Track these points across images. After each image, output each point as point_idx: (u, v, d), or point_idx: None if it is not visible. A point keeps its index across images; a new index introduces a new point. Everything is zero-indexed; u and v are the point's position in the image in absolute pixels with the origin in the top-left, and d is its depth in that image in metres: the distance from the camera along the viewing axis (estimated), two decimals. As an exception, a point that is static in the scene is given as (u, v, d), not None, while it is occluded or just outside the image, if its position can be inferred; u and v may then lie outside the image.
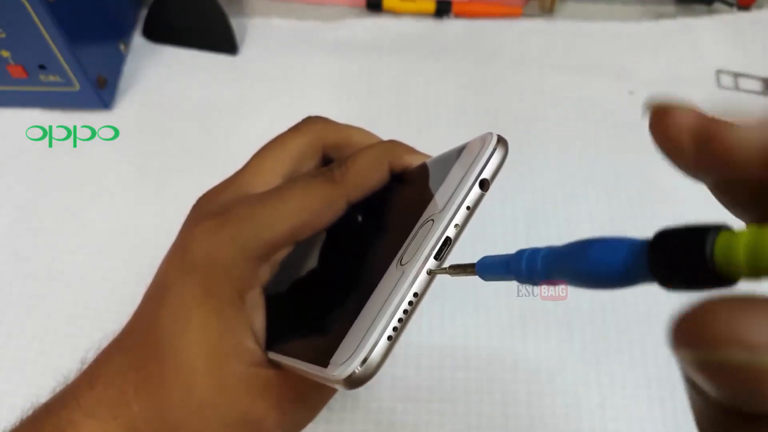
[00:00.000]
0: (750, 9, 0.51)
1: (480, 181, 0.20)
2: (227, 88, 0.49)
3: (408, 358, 0.38)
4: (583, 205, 0.42)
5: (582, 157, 0.44)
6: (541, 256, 0.16)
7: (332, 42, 0.50)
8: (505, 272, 0.17)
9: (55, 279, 0.41)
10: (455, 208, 0.19)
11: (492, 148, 0.20)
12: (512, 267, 0.16)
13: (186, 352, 0.24)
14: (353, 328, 0.19)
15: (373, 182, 0.26)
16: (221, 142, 0.46)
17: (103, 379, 0.25)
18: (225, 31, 0.49)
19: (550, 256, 0.15)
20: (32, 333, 0.39)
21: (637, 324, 0.38)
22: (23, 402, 0.26)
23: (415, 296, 0.19)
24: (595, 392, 0.37)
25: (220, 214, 0.25)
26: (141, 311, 0.27)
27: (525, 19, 0.51)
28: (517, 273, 0.16)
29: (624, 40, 0.50)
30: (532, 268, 0.16)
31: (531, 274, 0.16)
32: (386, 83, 0.48)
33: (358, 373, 0.18)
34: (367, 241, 0.25)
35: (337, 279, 0.26)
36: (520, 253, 0.16)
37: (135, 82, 0.49)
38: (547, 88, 0.48)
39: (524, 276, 0.16)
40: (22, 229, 0.43)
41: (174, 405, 0.24)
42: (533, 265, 0.16)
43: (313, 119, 0.30)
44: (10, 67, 0.43)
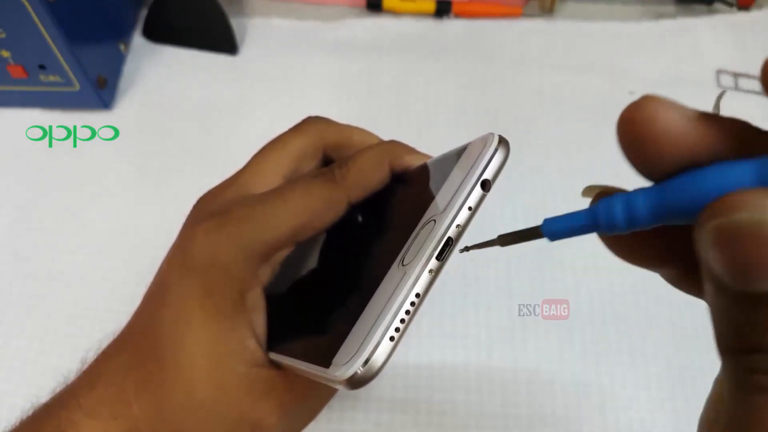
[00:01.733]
0: (750, 9, 0.51)
1: (482, 182, 0.20)
2: (227, 88, 0.49)
3: (408, 358, 0.38)
4: (583, 205, 0.42)
5: (582, 157, 0.44)
6: (645, 200, 0.15)
7: (332, 42, 0.50)
8: (587, 226, 0.16)
9: (55, 279, 0.41)
10: (457, 209, 0.19)
11: (493, 149, 0.20)
12: (602, 218, 0.15)
13: (186, 352, 0.24)
14: (355, 329, 0.19)
15: (373, 183, 0.26)
16: (221, 142, 0.46)
17: (103, 379, 0.25)
18: (225, 31, 0.49)
19: (655, 198, 0.14)
20: (32, 333, 0.39)
21: (637, 324, 0.38)
22: (23, 402, 0.26)
23: (417, 297, 0.19)
24: (595, 392, 0.37)
25: (220, 215, 0.25)
26: (141, 311, 0.27)
27: (525, 19, 0.51)
28: (609, 223, 0.15)
29: (624, 40, 0.50)
30: (632, 214, 0.15)
31: (632, 222, 0.15)
32: (386, 83, 0.48)
33: (361, 374, 0.18)
34: (368, 241, 0.25)
35: (338, 279, 0.26)
36: (608, 203, 0.15)
37: (135, 82, 0.49)
38: (547, 88, 0.48)
39: (619, 225, 0.15)
40: (22, 229, 0.43)
41: (174, 405, 0.24)
42: (633, 211, 0.15)
43: (313, 119, 0.30)
44: (10, 67, 0.43)
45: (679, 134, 0.14)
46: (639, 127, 0.15)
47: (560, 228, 0.17)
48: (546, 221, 0.17)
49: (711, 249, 0.13)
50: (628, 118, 0.15)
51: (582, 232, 0.16)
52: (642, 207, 0.15)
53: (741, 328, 0.13)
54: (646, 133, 0.14)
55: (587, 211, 0.16)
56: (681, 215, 0.14)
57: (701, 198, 0.13)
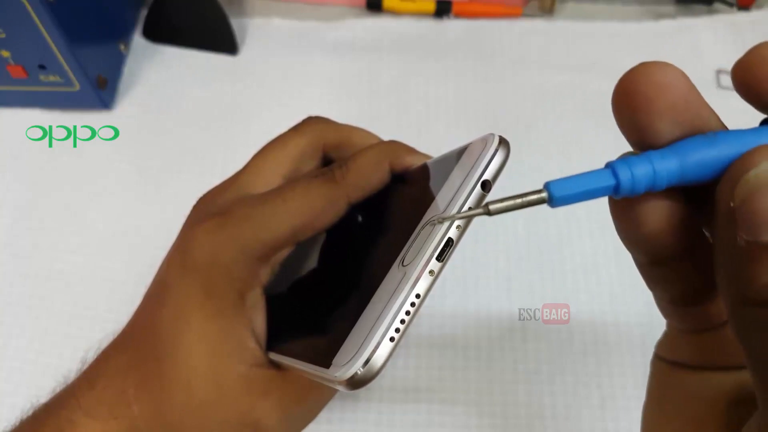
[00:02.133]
0: (750, 9, 0.51)
1: (482, 183, 0.20)
2: (227, 88, 0.49)
3: (408, 358, 0.38)
4: (583, 205, 0.42)
5: (582, 157, 0.44)
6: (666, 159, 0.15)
7: (332, 42, 0.50)
8: (603, 189, 0.15)
9: (55, 279, 0.41)
10: (457, 210, 0.19)
11: (494, 150, 0.20)
12: (622, 177, 0.15)
13: (186, 352, 0.24)
14: (355, 329, 0.19)
15: (373, 183, 0.26)
16: (221, 142, 0.46)
17: (103, 379, 0.25)
18: (225, 31, 0.49)
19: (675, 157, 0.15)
20: (32, 333, 0.39)
21: (637, 324, 0.38)
22: (23, 402, 0.26)
23: (417, 297, 0.19)
24: (595, 392, 0.37)
25: (220, 215, 0.25)
26: (141, 311, 0.27)
27: (525, 19, 0.51)
28: (630, 183, 0.15)
29: (624, 40, 0.50)
30: (654, 173, 0.15)
31: (654, 182, 0.15)
32: (386, 83, 0.48)
33: (361, 374, 0.18)
34: (368, 241, 0.25)
35: (338, 279, 0.26)
36: (627, 162, 0.15)
37: (135, 82, 0.49)
38: (547, 88, 0.48)
39: (639, 185, 0.15)
40: (22, 229, 0.43)
41: (174, 405, 0.24)
42: (655, 170, 0.15)
43: (313, 119, 0.30)
44: (10, 67, 0.43)
45: (684, 97, 0.14)
46: (640, 89, 0.15)
47: (570, 191, 0.15)
48: (552, 183, 0.16)
49: (741, 199, 0.13)
50: (627, 83, 0.15)
51: (595, 195, 0.16)
52: (663, 166, 0.15)
53: None
54: (649, 97, 0.15)
55: (604, 170, 0.15)
56: (701, 173, 0.14)
57: (727, 155, 0.14)
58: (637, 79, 0.15)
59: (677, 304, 0.17)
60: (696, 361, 0.17)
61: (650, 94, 0.15)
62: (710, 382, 0.17)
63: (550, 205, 0.16)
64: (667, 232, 0.16)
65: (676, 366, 0.18)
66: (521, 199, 0.16)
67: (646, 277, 0.18)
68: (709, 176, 0.14)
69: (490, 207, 0.16)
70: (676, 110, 0.15)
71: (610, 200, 0.17)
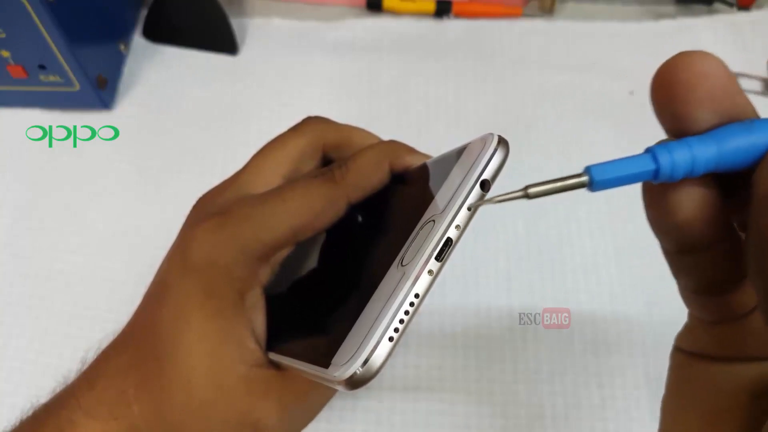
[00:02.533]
0: (750, 9, 0.51)
1: (481, 182, 0.20)
2: (227, 88, 0.49)
3: (408, 358, 0.38)
4: (583, 205, 0.42)
5: (582, 157, 0.44)
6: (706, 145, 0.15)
7: (332, 42, 0.50)
8: (643, 173, 0.15)
9: (55, 279, 0.41)
10: (456, 209, 0.19)
11: (493, 149, 0.20)
12: (661, 163, 0.15)
13: (186, 352, 0.24)
14: (354, 329, 0.19)
15: (373, 183, 0.26)
16: (221, 142, 0.46)
17: (103, 379, 0.25)
18: (225, 31, 0.49)
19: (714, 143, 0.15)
20: (32, 333, 0.39)
21: (637, 324, 0.38)
22: (23, 402, 0.26)
23: (416, 297, 0.19)
24: (595, 392, 0.37)
25: (220, 215, 0.25)
26: (141, 311, 0.27)
27: (525, 19, 0.51)
28: (669, 167, 0.15)
29: (624, 40, 0.50)
30: (694, 158, 0.15)
31: (693, 167, 0.15)
32: (386, 83, 0.48)
33: (360, 374, 0.18)
34: (367, 241, 0.25)
35: (338, 279, 0.26)
36: (667, 148, 0.15)
37: (135, 82, 0.49)
38: (547, 88, 0.48)
39: (679, 170, 0.15)
40: (22, 229, 0.43)
41: (174, 405, 0.24)
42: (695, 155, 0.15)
43: (313, 119, 0.30)
44: (10, 67, 0.43)
45: (723, 86, 0.15)
46: (681, 78, 0.15)
47: (610, 175, 0.15)
48: (593, 167, 0.16)
49: None
50: (667, 73, 0.15)
51: (635, 179, 0.16)
52: (702, 152, 0.15)
53: None
54: (690, 86, 0.15)
55: (644, 155, 0.16)
56: (738, 160, 0.15)
57: (764, 142, 0.14)
58: (678, 68, 0.15)
59: (702, 293, 0.17)
60: (718, 352, 0.17)
61: (691, 83, 0.15)
62: (731, 374, 0.17)
63: (589, 189, 0.16)
64: (700, 220, 0.16)
65: (697, 357, 0.18)
66: (561, 183, 0.16)
67: (673, 266, 0.18)
68: (746, 163, 0.15)
69: (530, 190, 0.16)
70: (715, 99, 0.15)
71: (643, 187, 0.17)
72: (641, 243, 0.41)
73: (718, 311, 0.17)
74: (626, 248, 0.41)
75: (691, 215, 0.16)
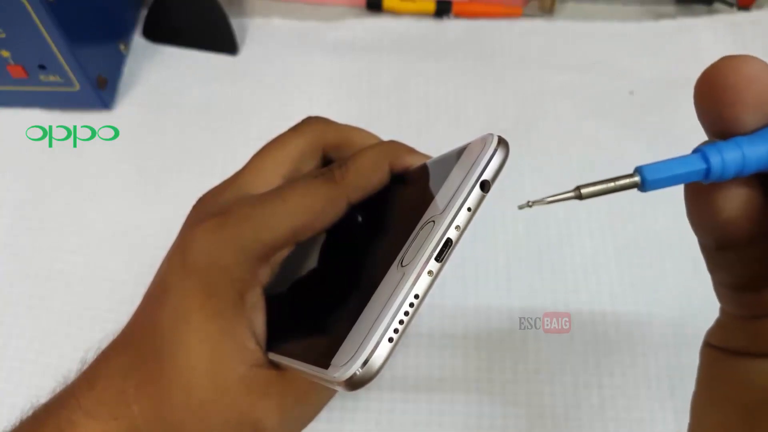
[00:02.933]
0: (750, 9, 0.51)
1: (481, 183, 0.20)
2: (227, 88, 0.49)
3: (408, 358, 0.38)
4: (583, 205, 0.42)
5: (582, 157, 0.44)
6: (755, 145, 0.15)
7: (332, 42, 0.50)
8: (694, 173, 0.16)
9: (55, 279, 0.41)
10: (456, 210, 0.19)
11: (493, 150, 0.20)
12: (712, 163, 0.15)
13: (186, 352, 0.24)
14: (354, 330, 0.19)
15: (373, 183, 0.26)
16: (221, 142, 0.46)
17: (103, 379, 0.25)
18: (225, 31, 0.49)
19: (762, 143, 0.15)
20: (32, 333, 0.39)
21: (637, 324, 0.38)
22: (23, 402, 0.26)
23: (416, 298, 0.19)
24: (595, 392, 0.37)
25: (220, 215, 0.25)
26: (141, 311, 0.27)
27: (525, 19, 0.51)
28: (720, 168, 0.15)
29: (624, 40, 0.50)
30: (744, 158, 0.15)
31: (743, 166, 0.15)
32: (386, 83, 0.48)
33: (359, 375, 0.18)
34: (367, 242, 0.25)
35: (338, 280, 0.26)
36: (717, 148, 0.15)
37: (135, 82, 0.49)
38: (547, 88, 0.48)
39: (729, 170, 0.15)
40: (22, 229, 0.43)
41: (174, 405, 0.24)
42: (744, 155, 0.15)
43: (313, 119, 0.30)
44: (10, 67, 0.43)
45: None
46: (729, 82, 0.15)
47: (662, 175, 0.16)
48: (645, 168, 0.16)
49: None
50: (713, 77, 0.15)
51: (686, 179, 0.16)
52: (752, 152, 0.15)
53: None
54: (738, 89, 0.15)
55: (694, 155, 0.16)
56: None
57: None
58: (725, 72, 0.15)
59: (737, 289, 0.18)
60: (750, 348, 0.17)
61: (739, 86, 0.15)
62: (763, 369, 0.17)
63: (641, 189, 0.16)
64: (743, 218, 0.16)
65: (728, 353, 0.18)
66: (613, 183, 0.16)
67: (711, 262, 0.18)
68: None
69: (582, 191, 0.16)
70: (762, 101, 0.15)
71: (686, 186, 0.17)
72: (641, 243, 0.41)
73: (752, 307, 0.17)
74: (626, 248, 0.41)
75: (734, 214, 0.16)
